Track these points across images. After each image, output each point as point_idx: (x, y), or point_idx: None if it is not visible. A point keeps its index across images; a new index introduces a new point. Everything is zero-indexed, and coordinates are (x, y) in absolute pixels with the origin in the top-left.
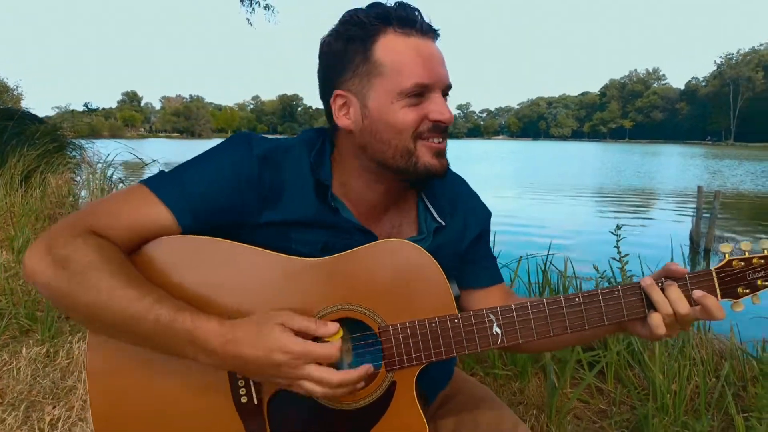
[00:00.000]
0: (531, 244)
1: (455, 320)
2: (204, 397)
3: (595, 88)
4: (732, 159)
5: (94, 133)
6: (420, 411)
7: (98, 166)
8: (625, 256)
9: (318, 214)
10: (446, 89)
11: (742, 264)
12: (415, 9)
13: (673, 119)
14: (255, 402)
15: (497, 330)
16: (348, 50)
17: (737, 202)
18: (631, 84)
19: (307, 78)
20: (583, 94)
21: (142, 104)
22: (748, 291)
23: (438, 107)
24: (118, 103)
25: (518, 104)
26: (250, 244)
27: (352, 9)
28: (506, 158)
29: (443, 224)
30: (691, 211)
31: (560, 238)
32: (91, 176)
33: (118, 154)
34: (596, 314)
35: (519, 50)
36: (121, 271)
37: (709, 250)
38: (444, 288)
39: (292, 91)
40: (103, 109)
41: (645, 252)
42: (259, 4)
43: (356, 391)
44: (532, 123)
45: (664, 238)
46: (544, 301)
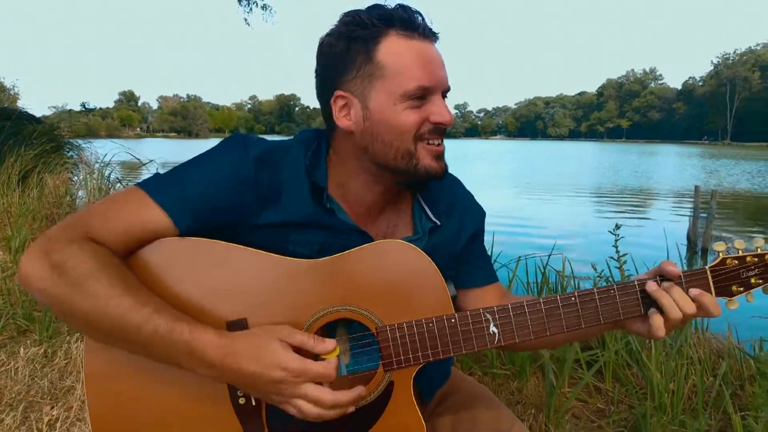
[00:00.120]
0: (530, 245)
1: (452, 320)
2: (202, 398)
3: (592, 88)
4: (729, 159)
5: (92, 133)
6: (418, 411)
7: (95, 166)
8: (624, 255)
9: (314, 215)
10: (446, 91)
11: (736, 262)
12: (416, 12)
13: (670, 119)
14: (253, 403)
15: (494, 330)
16: (350, 51)
17: (734, 201)
18: (628, 84)
19: (305, 78)
20: (580, 94)
21: (139, 104)
22: (742, 289)
23: (439, 109)
24: (115, 102)
25: (516, 104)
26: (248, 245)
27: (352, 10)
28: (504, 158)
29: (438, 224)
30: (688, 210)
31: (558, 238)
32: (88, 176)
33: (116, 154)
34: (592, 313)
35: (517, 50)
36: (118, 278)
37: (707, 250)
38: (441, 288)
39: (289, 91)
40: (100, 109)
41: (642, 252)
42: (257, 4)
43: (347, 413)
44: (530, 123)
45: (661, 238)
46: (541, 300)
